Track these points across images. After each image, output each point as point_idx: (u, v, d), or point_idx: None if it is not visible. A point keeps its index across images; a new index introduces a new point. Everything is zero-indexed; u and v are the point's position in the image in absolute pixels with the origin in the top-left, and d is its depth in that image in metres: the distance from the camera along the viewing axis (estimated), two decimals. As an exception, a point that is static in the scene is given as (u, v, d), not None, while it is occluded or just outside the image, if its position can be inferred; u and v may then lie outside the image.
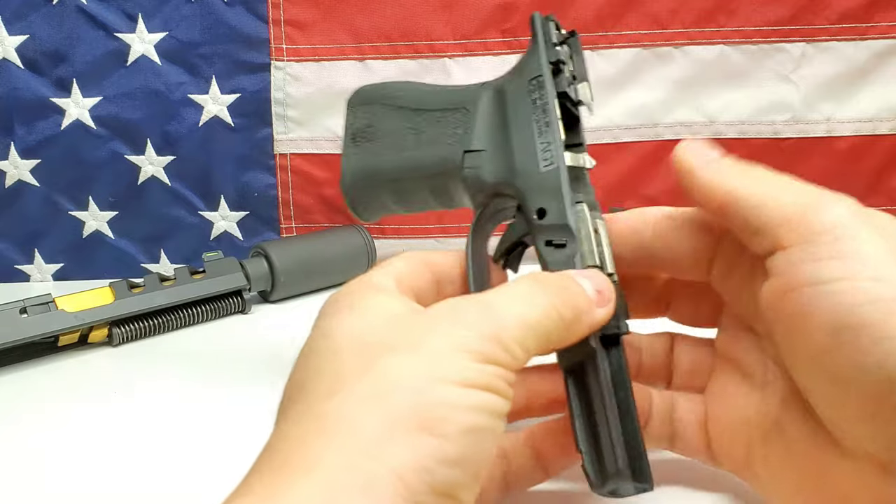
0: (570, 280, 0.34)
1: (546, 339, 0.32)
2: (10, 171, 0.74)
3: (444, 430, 0.27)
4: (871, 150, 0.76)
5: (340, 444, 0.27)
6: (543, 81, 0.40)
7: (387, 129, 0.45)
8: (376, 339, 0.30)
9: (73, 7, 0.71)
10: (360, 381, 0.28)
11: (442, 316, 0.31)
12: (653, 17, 0.73)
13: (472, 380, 0.29)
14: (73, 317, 0.57)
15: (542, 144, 0.39)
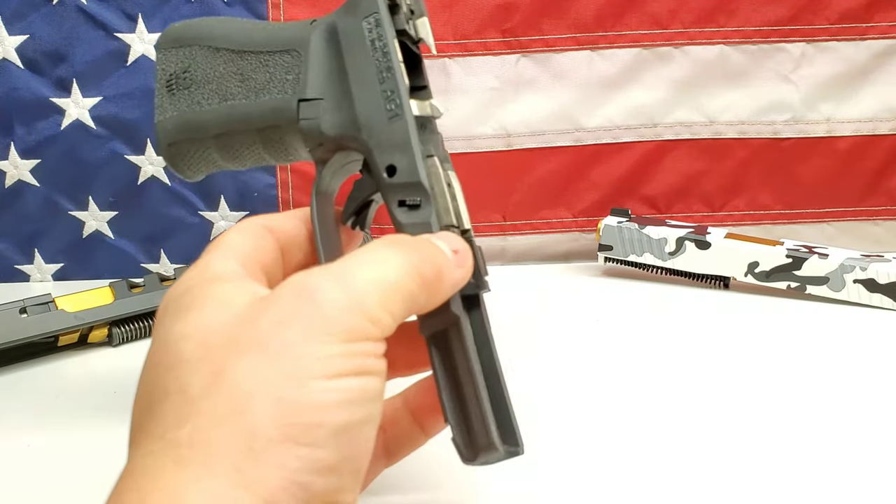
0: (425, 240, 0.32)
1: (411, 301, 0.29)
2: (9, 171, 0.74)
3: (314, 437, 0.25)
4: (870, 150, 0.76)
5: (201, 478, 0.24)
6: (381, 19, 0.36)
7: (207, 74, 0.40)
8: (221, 341, 0.27)
9: (73, 7, 0.71)
10: (211, 399, 0.25)
11: (290, 298, 0.27)
12: (653, 17, 0.73)
13: (337, 368, 0.26)
14: (73, 317, 0.57)
15: (385, 92, 0.35)
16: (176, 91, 0.41)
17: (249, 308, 0.28)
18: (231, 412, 0.25)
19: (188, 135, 0.40)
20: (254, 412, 0.25)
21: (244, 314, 0.27)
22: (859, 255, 0.67)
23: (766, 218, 0.77)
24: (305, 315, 0.27)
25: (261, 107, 0.38)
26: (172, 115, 0.41)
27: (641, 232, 0.71)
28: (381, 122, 0.35)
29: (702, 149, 0.76)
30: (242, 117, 0.39)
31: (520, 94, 0.75)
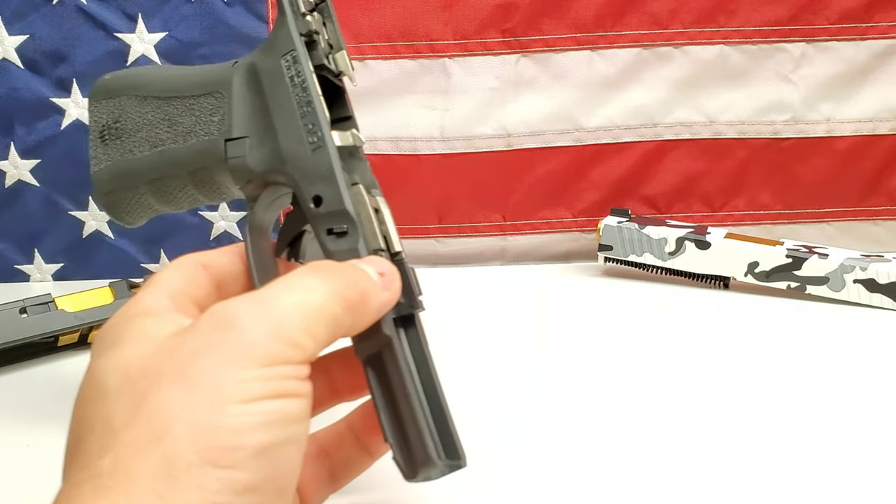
0: (350, 265, 0.32)
1: (336, 324, 0.30)
2: (9, 171, 0.74)
3: (232, 460, 0.25)
4: (870, 150, 0.76)
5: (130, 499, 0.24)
6: (297, 56, 0.37)
7: (137, 122, 0.41)
8: (142, 373, 0.27)
9: (73, 7, 0.71)
10: (131, 428, 0.26)
11: (209, 326, 0.28)
12: (653, 16, 0.73)
13: (255, 392, 0.26)
14: (73, 317, 0.57)
15: (307, 126, 0.36)
16: (108, 141, 0.42)
17: (171, 339, 0.28)
18: (150, 440, 0.25)
19: (123, 183, 0.42)
20: (173, 438, 0.25)
21: (165, 345, 0.28)
22: (859, 255, 0.67)
23: (766, 218, 0.77)
24: (223, 341, 0.27)
25: (189, 150, 0.39)
26: (107, 165, 0.42)
27: (641, 232, 0.71)
28: (304, 154, 0.36)
29: (702, 149, 0.76)
30: (173, 161, 0.40)
31: (520, 94, 0.75)
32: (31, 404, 0.52)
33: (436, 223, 0.77)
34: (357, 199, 0.35)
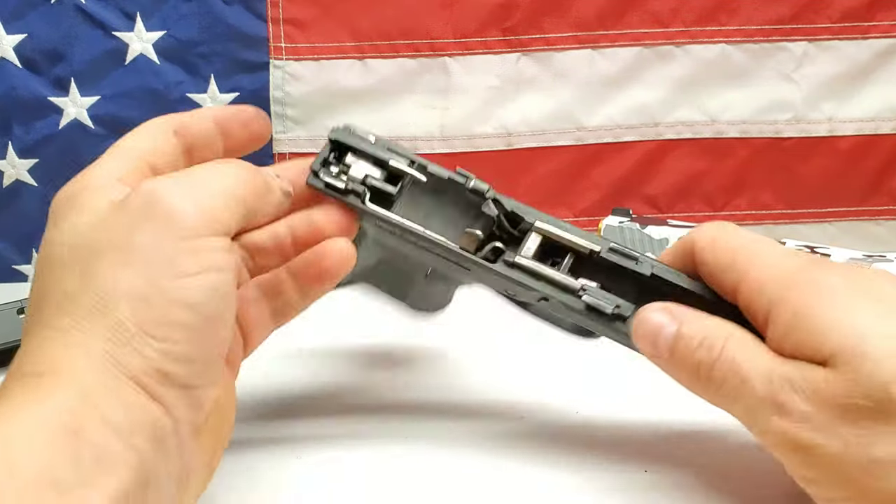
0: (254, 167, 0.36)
1: (245, 206, 0.33)
2: (7, 171, 0.73)
3: (167, 332, 0.28)
4: (872, 149, 0.76)
5: (83, 357, 0.28)
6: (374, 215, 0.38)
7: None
8: (86, 246, 0.30)
9: (72, 6, 0.71)
10: (83, 295, 0.29)
11: (141, 203, 0.30)
12: (654, 15, 0.73)
13: (185, 268, 0.29)
14: (71, 317, 0.57)
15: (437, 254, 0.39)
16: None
17: (109, 212, 0.31)
18: (98, 309, 0.29)
19: None
20: (116, 310, 0.28)
21: (105, 219, 0.31)
22: (861, 255, 0.66)
23: (767, 217, 0.77)
24: (154, 217, 0.30)
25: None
26: None
27: (643, 232, 0.71)
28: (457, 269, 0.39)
29: (703, 148, 0.76)
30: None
31: (520, 93, 0.74)
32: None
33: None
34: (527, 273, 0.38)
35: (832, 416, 0.30)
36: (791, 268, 0.32)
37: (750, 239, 0.35)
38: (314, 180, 0.40)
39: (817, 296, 0.31)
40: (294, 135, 0.74)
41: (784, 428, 0.31)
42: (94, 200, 0.32)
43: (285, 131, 0.74)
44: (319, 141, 0.75)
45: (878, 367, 0.29)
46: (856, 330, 0.30)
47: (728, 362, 0.32)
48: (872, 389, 0.29)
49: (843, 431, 0.29)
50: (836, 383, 0.30)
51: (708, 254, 0.35)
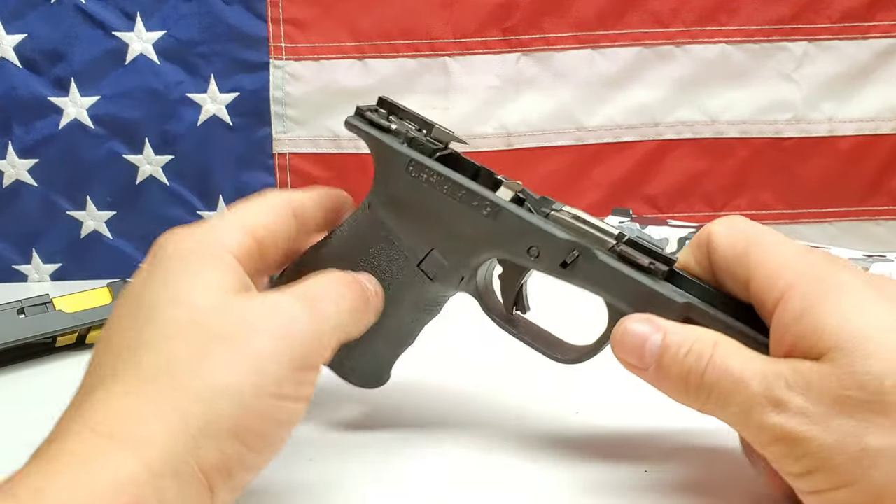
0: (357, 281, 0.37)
1: (346, 337, 0.35)
2: (7, 171, 0.73)
3: (254, 444, 0.30)
4: (872, 149, 0.76)
5: (163, 435, 0.28)
6: (416, 160, 0.39)
7: None
8: (202, 326, 0.31)
9: (72, 6, 0.71)
10: (184, 376, 0.30)
11: (270, 312, 0.32)
12: (654, 15, 0.73)
13: (288, 392, 0.31)
14: (71, 317, 0.57)
15: (472, 204, 0.38)
16: None
17: (230, 300, 0.32)
18: (197, 395, 0.30)
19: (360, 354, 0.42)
20: (215, 404, 0.29)
21: (230, 307, 0.32)
22: (861, 256, 0.66)
23: (767, 218, 0.77)
24: (279, 336, 0.31)
25: (396, 295, 0.40)
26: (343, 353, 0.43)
27: (643, 231, 0.71)
28: (489, 226, 0.38)
29: (703, 148, 0.76)
30: (390, 311, 0.40)
31: (520, 92, 0.74)
32: (28, 405, 0.52)
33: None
34: (561, 224, 0.38)
35: (827, 408, 0.31)
36: (806, 262, 0.33)
37: (766, 231, 0.35)
38: (354, 119, 0.40)
39: (828, 291, 0.32)
40: (294, 135, 0.74)
41: (781, 423, 0.31)
42: (220, 278, 0.33)
43: (285, 131, 0.74)
44: (320, 141, 0.75)
45: (876, 361, 0.30)
46: (859, 326, 0.31)
47: (719, 366, 0.33)
48: (868, 382, 0.30)
49: (837, 423, 0.30)
50: (831, 377, 0.31)
51: (724, 241, 0.36)
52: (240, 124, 0.74)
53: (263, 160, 0.75)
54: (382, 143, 0.39)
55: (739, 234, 0.36)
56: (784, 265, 0.34)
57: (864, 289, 0.32)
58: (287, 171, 0.75)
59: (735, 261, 0.35)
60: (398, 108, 0.41)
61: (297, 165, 0.75)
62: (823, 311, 0.32)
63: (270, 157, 0.75)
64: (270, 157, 0.75)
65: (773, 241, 0.35)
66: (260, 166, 0.75)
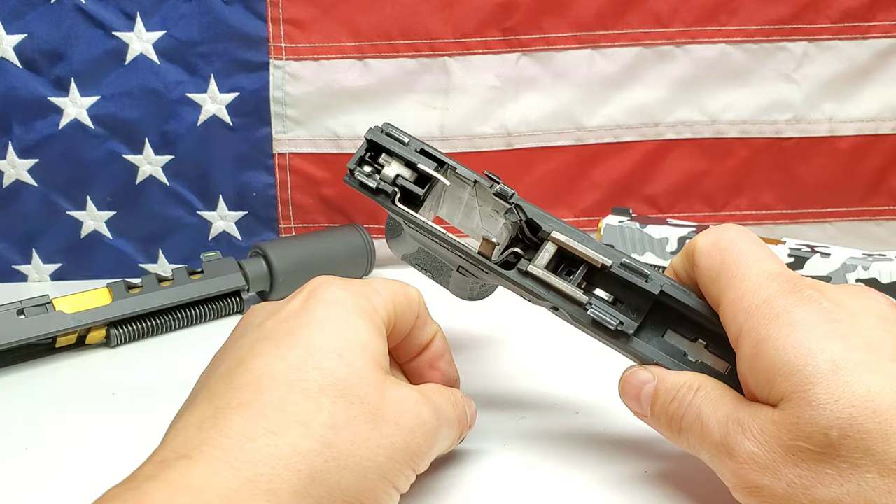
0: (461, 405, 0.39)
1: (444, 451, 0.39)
2: (7, 171, 0.73)
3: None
4: (873, 149, 0.75)
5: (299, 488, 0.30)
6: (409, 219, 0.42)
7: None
8: (362, 397, 0.32)
9: (72, 6, 0.71)
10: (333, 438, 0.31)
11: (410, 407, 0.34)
12: (654, 15, 0.73)
13: (399, 485, 0.33)
14: (71, 318, 0.57)
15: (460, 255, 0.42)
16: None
17: (388, 383, 0.34)
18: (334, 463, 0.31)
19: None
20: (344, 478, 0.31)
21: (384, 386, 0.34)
22: (861, 255, 0.66)
23: (768, 217, 0.77)
24: (411, 435, 0.33)
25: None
26: None
27: (643, 231, 0.71)
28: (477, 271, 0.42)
29: (703, 148, 0.76)
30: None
31: (520, 93, 0.74)
32: (28, 406, 0.52)
33: (436, 223, 0.77)
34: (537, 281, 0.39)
35: (777, 456, 0.30)
36: (763, 296, 0.33)
37: (739, 252, 0.35)
38: (349, 179, 0.42)
39: (777, 331, 0.31)
40: (294, 135, 0.74)
41: (733, 469, 0.32)
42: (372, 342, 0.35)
43: (285, 131, 0.74)
44: (319, 141, 0.75)
45: (820, 411, 0.29)
46: (806, 373, 0.30)
47: (694, 413, 0.34)
48: (814, 433, 0.29)
49: (786, 472, 0.30)
50: (781, 424, 0.30)
51: (703, 260, 0.36)
52: (240, 124, 0.74)
53: (263, 160, 0.75)
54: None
55: (717, 254, 0.35)
56: (743, 298, 0.33)
57: (817, 325, 0.31)
58: (287, 171, 0.75)
59: (709, 283, 0.36)
60: (384, 148, 0.42)
61: (297, 165, 0.75)
62: (773, 357, 0.31)
63: (270, 157, 0.75)
64: (270, 157, 0.75)
65: (743, 267, 0.34)
66: (260, 166, 0.75)
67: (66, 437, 0.47)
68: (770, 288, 0.33)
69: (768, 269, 0.34)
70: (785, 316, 0.32)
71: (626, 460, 0.42)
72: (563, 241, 0.39)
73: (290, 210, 0.76)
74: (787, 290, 0.33)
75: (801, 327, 0.31)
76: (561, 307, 0.39)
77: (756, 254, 0.35)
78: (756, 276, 0.33)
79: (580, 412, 0.47)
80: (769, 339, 0.31)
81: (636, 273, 0.38)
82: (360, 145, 0.42)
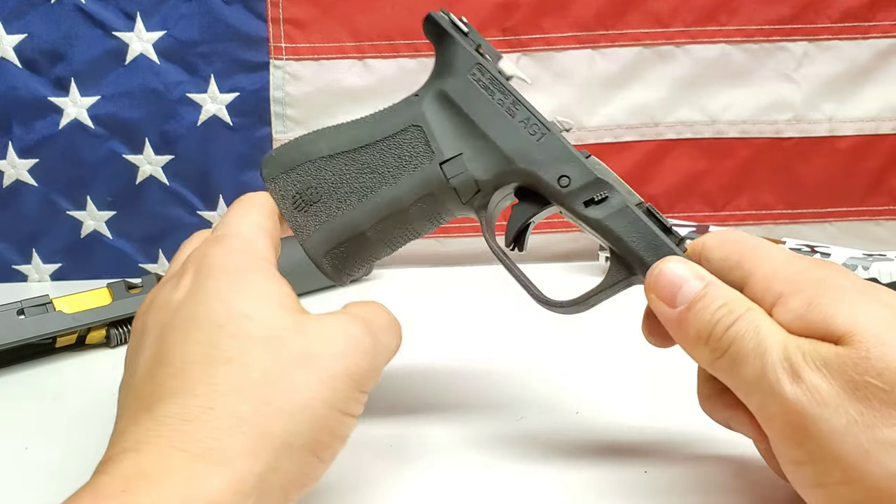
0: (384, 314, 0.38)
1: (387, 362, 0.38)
2: (7, 171, 0.73)
3: (323, 455, 0.32)
4: (872, 149, 0.75)
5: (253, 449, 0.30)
6: (485, 67, 0.41)
7: (332, 181, 0.42)
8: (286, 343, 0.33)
9: (72, 6, 0.71)
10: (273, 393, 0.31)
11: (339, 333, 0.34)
12: (654, 15, 0.73)
13: (351, 410, 0.33)
14: (71, 318, 0.57)
15: (522, 122, 0.40)
16: (306, 208, 0.42)
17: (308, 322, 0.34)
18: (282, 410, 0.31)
19: (343, 237, 0.42)
20: (299, 419, 0.31)
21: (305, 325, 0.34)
22: (861, 255, 0.66)
23: (768, 217, 0.77)
24: (346, 358, 0.33)
25: (405, 185, 0.41)
26: (316, 229, 0.42)
27: (643, 232, 0.71)
28: (532, 147, 0.40)
29: (703, 148, 0.76)
30: (391, 200, 0.41)
31: (520, 92, 0.74)
32: (28, 406, 0.52)
33: (436, 223, 0.77)
34: (599, 167, 0.39)
35: (840, 390, 0.30)
36: (802, 266, 0.34)
37: (755, 242, 0.36)
38: (441, 15, 0.42)
39: (827, 290, 0.32)
40: (294, 135, 0.74)
41: (793, 394, 0.30)
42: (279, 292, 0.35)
43: (285, 131, 0.74)
44: (319, 141, 0.75)
45: (892, 349, 0.29)
46: (868, 317, 0.30)
47: (748, 324, 0.33)
48: (884, 370, 0.29)
49: (849, 407, 0.29)
50: (847, 358, 0.30)
51: (716, 252, 0.37)
52: (240, 124, 0.74)
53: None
54: (455, 42, 0.41)
55: (732, 244, 0.36)
56: (779, 269, 0.34)
57: (862, 292, 0.32)
58: (287, 171, 0.75)
59: (728, 271, 0.36)
60: (475, 32, 0.43)
61: (297, 165, 0.75)
62: (830, 304, 0.31)
63: (270, 157, 0.75)
64: (270, 157, 0.75)
65: (767, 250, 0.35)
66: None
67: (65, 438, 0.47)
68: (803, 261, 0.34)
69: (792, 253, 0.35)
70: (829, 280, 0.32)
71: (626, 460, 0.42)
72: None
73: (290, 210, 0.76)
74: (819, 263, 0.34)
75: (849, 290, 0.32)
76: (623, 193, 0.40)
77: (768, 242, 0.36)
78: (785, 256, 0.35)
79: (580, 412, 0.47)
80: (823, 292, 0.32)
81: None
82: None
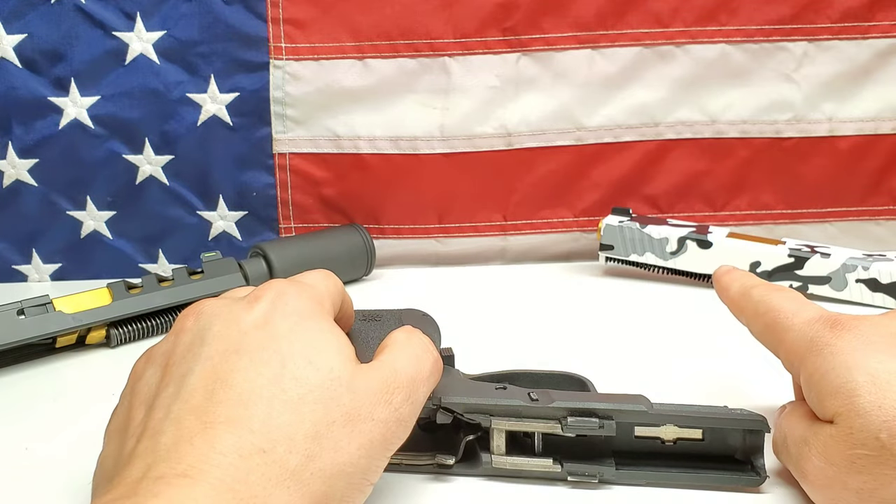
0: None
1: None
2: (7, 171, 0.73)
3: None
4: (872, 149, 0.75)
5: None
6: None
7: None
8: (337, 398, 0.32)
9: (72, 6, 0.71)
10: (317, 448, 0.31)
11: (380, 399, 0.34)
12: (654, 15, 0.73)
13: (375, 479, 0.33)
14: (71, 318, 0.57)
15: None
16: None
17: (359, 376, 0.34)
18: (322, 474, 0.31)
19: None
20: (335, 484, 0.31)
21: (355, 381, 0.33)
22: (861, 255, 0.66)
23: (767, 217, 0.77)
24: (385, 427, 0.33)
25: None
26: None
27: (643, 231, 0.71)
28: None
29: (703, 148, 0.76)
30: None
31: (520, 93, 0.74)
32: (28, 407, 0.52)
33: (436, 223, 0.77)
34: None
35: (841, 468, 0.34)
36: (808, 339, 0.38)
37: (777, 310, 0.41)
38: None
39: (823, 361, 0.36)
40: (294, 135, 0.74)
41: (809, 488, 0.36)
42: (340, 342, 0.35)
43: (285, 131, 0.74)
44: (320, 141, 0.75)
45: (868, 419, 0.33)
46: (848, 387, 0.34)
47: (780, 436, 0.39)
48: (867, 439, 0.33)
49: (852, 481, 0.33)
50: (839, 438, 0.34)
51: (752, 328, 0.43)
52: (240, 124, 0.74)
53: (263, 160, 0.75)
54: None
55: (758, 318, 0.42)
56: (791, 347, 0.39)
57: (855, 349, 0.35)
58: (287, 172, 0.75)
59: (760, 333, 0.42)
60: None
61: (297, 165, 0.75)
62: (821, 381, 0.35)
63: (270, 157, 0.75)
64: (270, 157, 0.75)
65: (786, 315, 0.40)
66: (260, 166, 0.75)
67: (66, 438, 0.47)
68: (812, 330, 0.38)
69: (807, 317, 0.39)
70: (827, 349, 0.36)
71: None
72: (506, 427, 0.39)
73: (290, 210, 0.76)
74: (826, 327, 0.37)
75: (842, 352, 0.35)
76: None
77: (791, 307, 0.40)
78: (799, 326, 0.39)
79: (580, 412, 0.47)
80: (817, 370, 0.36)
81: (588, 424, 0.39)
82: None
